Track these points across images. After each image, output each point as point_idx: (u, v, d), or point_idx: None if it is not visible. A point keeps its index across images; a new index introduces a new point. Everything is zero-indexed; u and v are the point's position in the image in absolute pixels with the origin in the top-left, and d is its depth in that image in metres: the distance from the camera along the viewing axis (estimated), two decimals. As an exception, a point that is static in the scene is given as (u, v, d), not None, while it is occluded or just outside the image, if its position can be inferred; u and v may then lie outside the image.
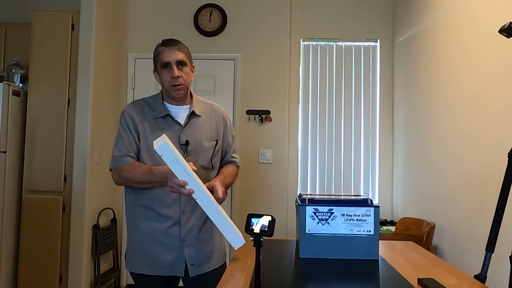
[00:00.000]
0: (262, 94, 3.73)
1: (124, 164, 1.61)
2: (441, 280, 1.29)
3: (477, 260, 2.21)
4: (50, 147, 3.14)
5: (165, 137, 1.36)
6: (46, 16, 3.17)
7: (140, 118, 1.67)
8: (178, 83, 1.62)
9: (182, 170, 1.35)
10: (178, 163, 1.34)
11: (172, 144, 1.36)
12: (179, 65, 1.62)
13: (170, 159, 1.33)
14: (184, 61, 1.63)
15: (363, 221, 1.55)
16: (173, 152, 1.32)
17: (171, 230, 1.63)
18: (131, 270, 1.69)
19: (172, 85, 1.63)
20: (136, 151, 1.65)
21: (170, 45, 1.62)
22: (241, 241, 1.38)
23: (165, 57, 1.61)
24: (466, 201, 2.37)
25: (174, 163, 1.34)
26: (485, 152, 2.18)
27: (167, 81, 1.63)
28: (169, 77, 1.62)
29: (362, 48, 3.81)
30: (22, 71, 3.33)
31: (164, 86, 1.66)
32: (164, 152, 1.32)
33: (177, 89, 1.63)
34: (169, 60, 1.61)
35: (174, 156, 1.32)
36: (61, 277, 3.11)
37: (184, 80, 1.64)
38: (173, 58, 1.61)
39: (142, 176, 1.56)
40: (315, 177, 3.79)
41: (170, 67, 1.61)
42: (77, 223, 3.07)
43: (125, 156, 1.62)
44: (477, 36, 2.30)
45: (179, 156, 1.33)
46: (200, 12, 3.76)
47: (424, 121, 3.01)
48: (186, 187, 1.36)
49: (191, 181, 1.36)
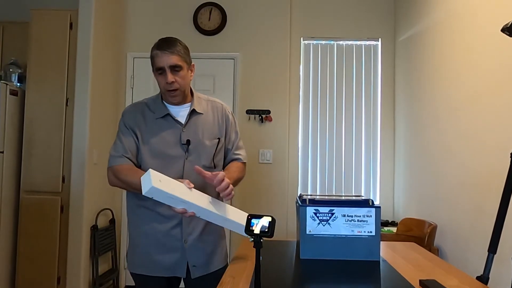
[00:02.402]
0: (262, 94, 3.71)
1: (120, 164, 1.60)
2: (442, 281, 1.28)
3: (479, 261, 2.19)
4: (48, 147, 3.12)
5: (151, 174, 1.30)
6: (44, 15, 3.16)
7: (140, 120, 1.66)
8: (172, 88, 1.59)
9: (178, 201, 1.34)
10: (172, 198, 1.32)
11: (160, 177, 1.32)
12: (173, 70, 1.57)
13: (163, 198, 1.32)
14: (178, 65, 1.57)
15: (364, 222, 1.54)
16: (163, 191, 1.29)
17: (173, 232, 1.62)
18: (132, 270, 1.68)
19: (167, 90, 1.61)
20: (134, 152, 1.63)
21: (164, 49, 1.56)
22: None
23: (158, 62, 1.57)
24: (468, 201, 2.35)
25: (168, 200, 1.33)
26: (487, 152, 2.16)
27: (162, 85, 1.61)
28: (164, 82, 1.59)
29: (363, 47, 3.80)
30: (19, 71, 3.31)
31: (161, 89, 1.65)
32: (155, 194, 1.30)
33: (172, 95, 1.62)
34: (162, 65, 1.56)
35: (166, 195, 1.30)
36: (59, 278, 3.09)
37: (179, 84, 1.60)
38: (166, 63, 1.55)
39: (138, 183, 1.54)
40: (316, 178, 3.77)
41: (164, 72, 1.57)
42: (76, 224, 3.05)
43: (121, 156, 1.61)
44: (479, 34, 2.28)
45: (170, 192, 1.30)
46: (199, 10, 3.75)
47: (426, 121, 2.99)
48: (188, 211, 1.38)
49: (190, 205, 1.36)
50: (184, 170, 1.62)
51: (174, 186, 1.35)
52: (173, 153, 1.62)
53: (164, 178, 1.35)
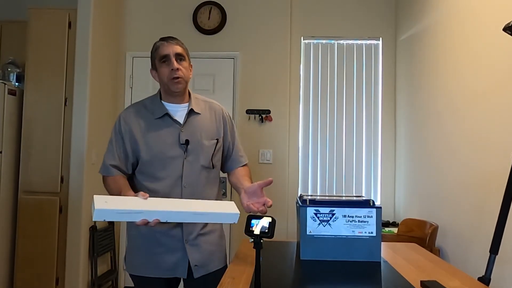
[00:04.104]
0: (262, 93, 3.70)
1: (108, 176, 1.63)
2: (444, 282, 1.27)
3: (481, 262, 2.18)
4: (46, 147, 3.10)
5: (94, 199, 1.30)
6: (43, 14, 3.14)
7: (137, 122, 1.65)
8: (177, 75, 1.60)
9: (133, 214, 1.31)
10: (124, 213, 1.30)
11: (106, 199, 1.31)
12: (177, 58, 1.61)
13: (115, 216, 1.30)
14: (183, 55, 1.63)
15: (365, 223, 1.53)
16: (110, 210, 1.27)
17: (174, 231, 1.62)
18: (131, 272, 1.67)
19: (171, 77, 1.61)
20: (123, 159, 1.64)
21: (168, 40, 1.64)
22: (235, 216, 1.40)
23: (163, 50, 1.61)
24: (469, 202, 2.34)
25: (121, 216, 1.31)
26: (489, 152, 2.15)
27: (166, 74, 1.61)
28: (168, 70, 1.60)
29: (364, 46, 3.78)
30: (18, 70, 3.30)
31: (163, 80, 1.64)
32: (104, 216, 1.28)
33: (176, 82, 1.61)
34: (168, 52, 1.60)
35: (116, 211, 1.28)
36: (57, 279, 3.08)
37: (183, 73, 1.62)
38: (172, 50, 1.61)
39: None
40: (316, 178, 3.76)
41: (169, 60, 1.60)
42: (74, 225, 3.04)
43: (112, 167, 1.62)
44: (481, 33, 2.27)
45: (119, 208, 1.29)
46: (199, 9, 3.73)
47: (427, 121, 2.98)
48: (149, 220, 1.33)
49: (149, 214, 1.32)
50: (183, 170, 1.62)
51: (124, 202, 1.33)
52: (172, 153, 1.62)
53: (112, 198, 1.34)
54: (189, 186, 1.62)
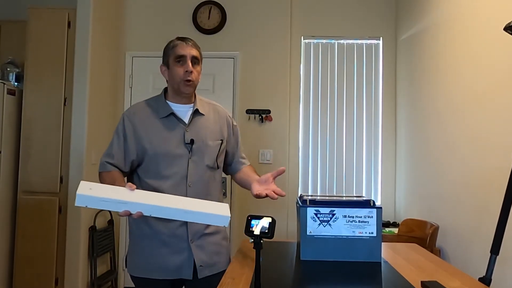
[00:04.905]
0: (262, 93, 3.69)
1: (103, 171, 1.62)
2: (444, 282, 1.27)
3: (481, 262, 2.17)
4: (46, 147, 3.10)
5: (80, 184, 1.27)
6: (42, 14, 3.14)
7: (141, 120, 1.65)
8: (190, 78, 1.61)
9: (116, 204, 1.28)
10: (107, 201, 1.26)
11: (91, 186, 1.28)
12: (193, 61, 1.63)
13: (97, 203, 1.25)
14: (198, 59, 1.65)
15: (365, 223, 1.53)
16: (94, 197, 1.24)
17: (179, 231, 1.61)
18: (133, 273, 1.65)
19: (184, 79, 1.61)
20: (121, 159, 1.63)
21: (187, 41, 1.64)
22: (225, 219, 1.34)
23: (180, 50, 1.61)
24: (470, 202, 2.33)
25: (104, 205, 1.27)
26: (489, 152, 2.14)
27: (179, 75, 1.61)
28: (183, 71, 1.61)
29: (364, 46, 3.77)
30: (17, 70, 3.29)
31: (175, 80, 1.63)
32: (86, 202, 1.24)
33: (188, 84, 1.62)
34: (185, 53, 1.61)
35: (98, 199, 1.25)
36: (57, 279, 3.07)
37: (195, 77, 1.64)
38: (189, 52, 1.61)
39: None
40: (316, 178, 3.75)
41: (184, 61, 1.61)
42: (74, 225, 3.03)
43: (107, 164, 1.62)
44: (482, 33, 2.26)
45: (102, 196, 1.26)
46: (199, 9, 3.73)
47: (428, 121, 2.98)
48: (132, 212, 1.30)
49: (133, 206, 1.29)
50: (188, 169, 1.62)
51: (109, 191, 1.30)
52: (177, 152, 1.61)
53: (98, 185, 1.31)
54: (194, 186, 1.62)
